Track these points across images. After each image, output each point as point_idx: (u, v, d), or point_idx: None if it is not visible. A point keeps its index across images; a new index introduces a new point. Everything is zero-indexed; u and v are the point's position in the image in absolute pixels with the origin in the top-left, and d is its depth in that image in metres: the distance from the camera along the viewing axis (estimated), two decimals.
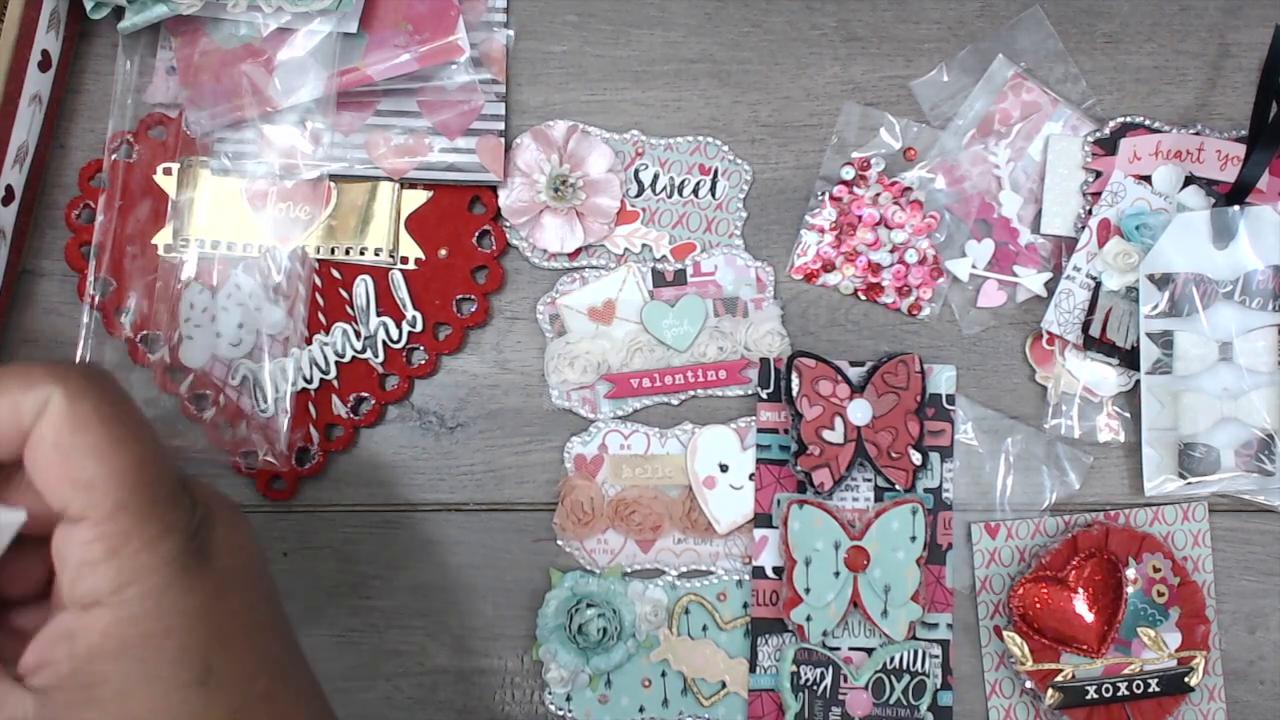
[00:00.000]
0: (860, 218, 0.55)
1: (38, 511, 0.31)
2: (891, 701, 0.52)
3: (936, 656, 0.53)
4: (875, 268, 0.55)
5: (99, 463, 0.30)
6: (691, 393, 0.54)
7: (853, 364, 0.54)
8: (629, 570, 0.53)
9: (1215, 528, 0.55)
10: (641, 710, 0.52)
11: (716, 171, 0.55)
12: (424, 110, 0.54)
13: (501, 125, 0.54)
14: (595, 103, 0.56)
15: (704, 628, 0.53)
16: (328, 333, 0.53)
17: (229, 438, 0.52)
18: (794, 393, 0.52)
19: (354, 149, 0.53)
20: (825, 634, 0.52)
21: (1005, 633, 0.52)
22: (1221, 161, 0.55)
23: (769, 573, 0.53)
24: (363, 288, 0.53)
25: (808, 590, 0.51)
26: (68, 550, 0.30)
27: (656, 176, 0.55)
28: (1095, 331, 0.54)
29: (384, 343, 0.53)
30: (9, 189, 0.52)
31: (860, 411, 0.52)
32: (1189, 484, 0.54)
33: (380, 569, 0.54)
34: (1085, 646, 0.51)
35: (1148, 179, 0.55)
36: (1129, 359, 0.54)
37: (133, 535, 0.30)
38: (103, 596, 0.30)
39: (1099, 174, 0.55)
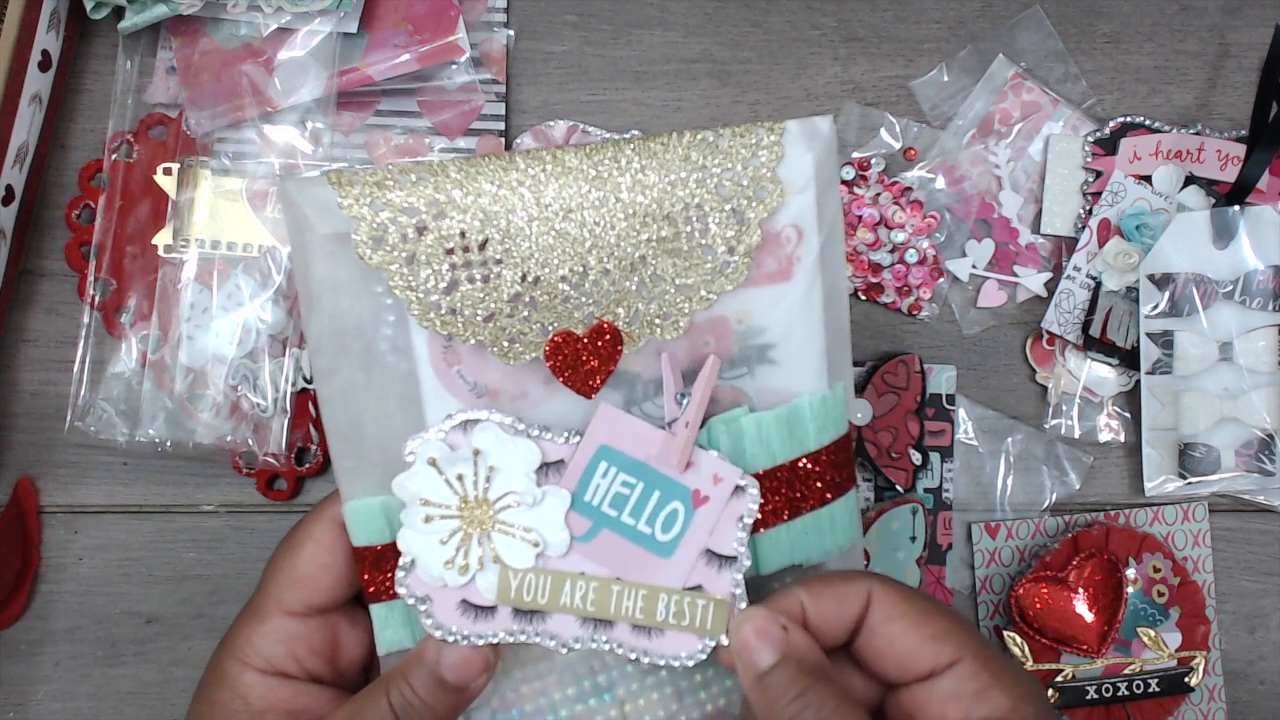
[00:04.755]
0: (860, 218, 0.55)
1: (865, 692, 0.36)
2: None
3: None
4: (875, 268, 0.55)
5: (943, 618, 0.34)
6: None
7: (853, 364, 0.54)
8: None
9: (1215, 528, 0.55)
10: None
11: None
12: (424, 110, 0.54)
13: (502, 125, 0.54)
14: (595, 103, 0.56)
15: None
16: None
17: (229, 438, 0.52)
18: None
19: (354, 149, 0.53)
20: None
21: (1005, 633, 0.52)
22: (1221, 161, 0.55)
23: None
24: None
25: None
26: (957, 687, 0.34)
27: None
28: (1095, 331, 0.54)
29: None
30: (9, 189, 0.52)
31: (860, 411, 0.52)
32: (1189, 484, 0.54)
33: None
34: (1085, 646, 0.51)
35: (1148, 179, 0.55)
36: (1129, 359, 0.54)
37: (1008, 665, 0.34)
38: (1004, 714, 0.33)
39: (1099, 174, 0.55)
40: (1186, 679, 0.52)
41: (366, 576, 0.36)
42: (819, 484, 0.36)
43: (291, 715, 0.37)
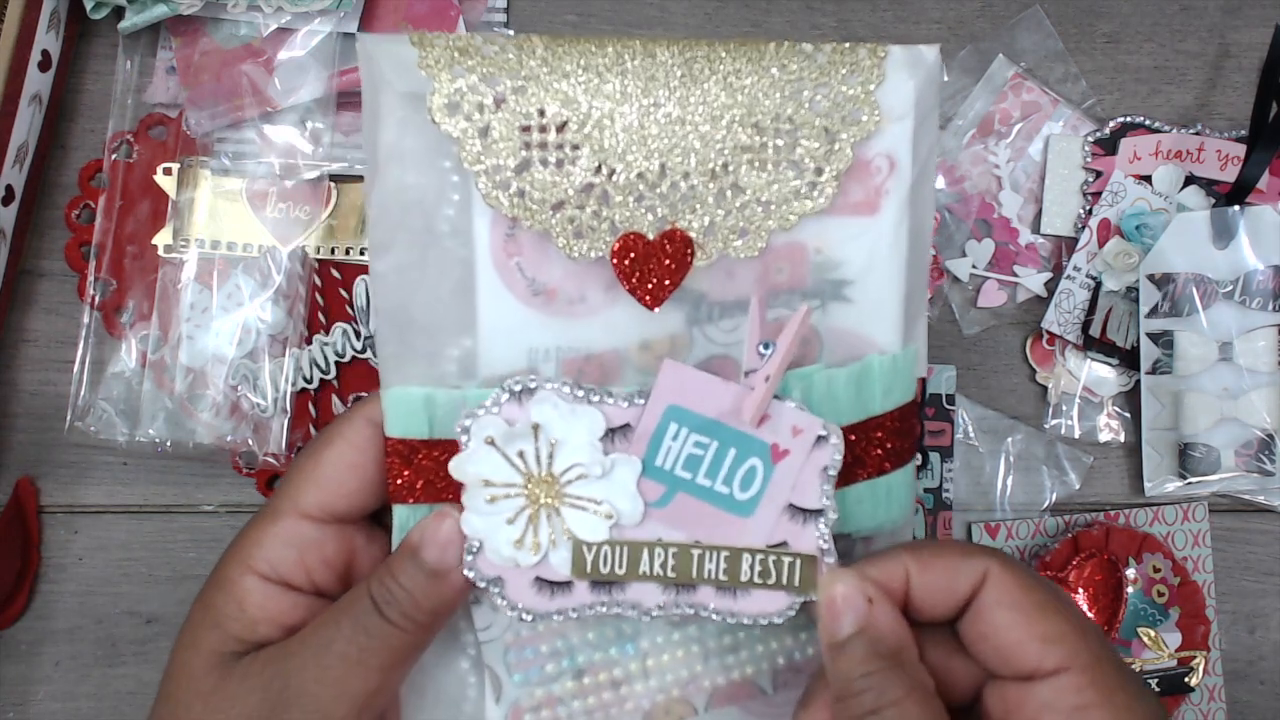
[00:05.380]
0: None
1: (963, 675, 0.34)
2: None
3: None
4: None
5: (1060, 618, 0.31)
6: None
7: None
8: None
9: (1215, 528, 0.55)
10: None
11: None
12: None
13: None
14: None
15: None
16: (328, 333, 0.53)
17: (229, 438, 0.52)
18: None
19: (354, 149, 0.53)
20: None
21: None
22: (1221, 161, 0.55)
23: None
24: (363, 288, 0.53)
25: None
26: (1055, 698, 0.31)
27: None
28: (1095, 331, 0.54)
29: None
30: (9, 189, 0.52)
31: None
32: (1189, 484, 0.54)
33: None
34: None
35: (1148, 179, 0.55)
36: (1129, 359, 0.54)
37: (1122, 686, 0.31)
38: None
39: (1099, 174, 0.55)
40: (1186, 679, 0.52)
41: (394, 471, 0.34)
42: (878, 450, 0.34)
43: (288, 629, 0.34)
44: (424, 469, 0.33)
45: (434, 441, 0.33)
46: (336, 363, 0.53)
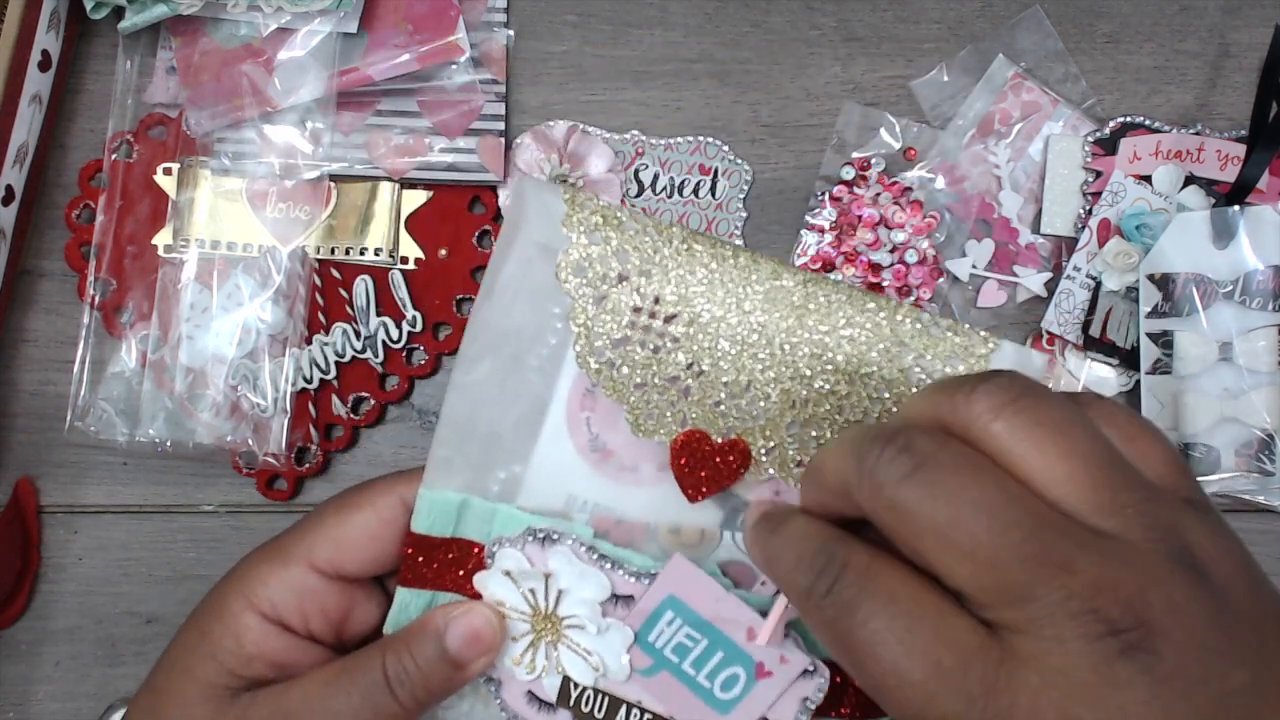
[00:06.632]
0: (860, 218, 0.55)
1: None
2: None
3: None
4: (875, 268, 0.55)
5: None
6: None
7: None
8: None
9: None
10: None
11: (716, 171, 0.55)
12: (424, 110, 0.54)
13: (502, 125, 0.54)
14: (595, 103, 0.56)
15: None
16: (328, 333, 0.53)
17: (229, 438, 0.52)
18: None
19: (354, 149, 0.53)
20: None
21: None
22: (1221, 161, 0.55)
23: None
24: (363, 288, 0.53)
25: None
26: None
27: (656, 176, 0.55)
28: (1095, 331, 0.54)
29: (384, 343, 0.53)
30: (9, 189, 0.52)
31: None
32: None
33: None
34: None
35: (1148, 179, 0.55)
36: (1129, 359, 0.54)
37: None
38: None
39: (1099, 174, 0.55)
40: None
41: (409, 560, 0.36)
42: (854, 699, 0.35)
43: (279, 668, 0.36)
44: (437, 561, 0.35)
45: (454, 540, 0.35)
46: (336, 363, 0.53)
